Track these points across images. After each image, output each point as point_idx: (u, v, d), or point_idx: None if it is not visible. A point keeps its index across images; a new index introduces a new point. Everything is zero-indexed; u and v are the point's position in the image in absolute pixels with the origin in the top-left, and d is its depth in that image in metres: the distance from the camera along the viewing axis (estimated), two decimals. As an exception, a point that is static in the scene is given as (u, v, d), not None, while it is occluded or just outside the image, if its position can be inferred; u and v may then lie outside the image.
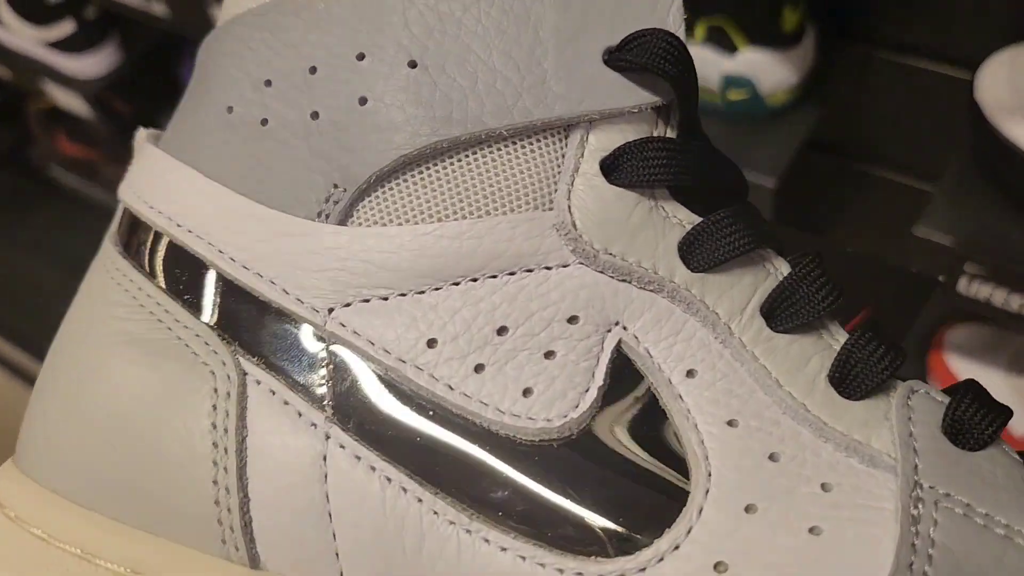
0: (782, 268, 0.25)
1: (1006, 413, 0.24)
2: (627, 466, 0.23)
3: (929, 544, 0.21)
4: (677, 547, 0.22)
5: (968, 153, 0.65)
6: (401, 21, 0.23)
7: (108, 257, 0.27)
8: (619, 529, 0.22)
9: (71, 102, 1.15)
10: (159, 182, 0.26)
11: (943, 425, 0.23)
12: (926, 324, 0.86)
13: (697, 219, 0.24)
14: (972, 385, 0.24)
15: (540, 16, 0.23)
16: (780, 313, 0.24)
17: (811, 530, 0.21)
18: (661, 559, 0.21)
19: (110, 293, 0.26)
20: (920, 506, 0.21)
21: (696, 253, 0.23)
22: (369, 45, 0.23)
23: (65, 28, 1.09)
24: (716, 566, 0.21)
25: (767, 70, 0.69)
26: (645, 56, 0.23)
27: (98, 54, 1.10)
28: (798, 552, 0.21)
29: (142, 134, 0.28)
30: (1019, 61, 0.61)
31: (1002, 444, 0.23)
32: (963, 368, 0.79)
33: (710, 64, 0.70)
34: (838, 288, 0.24)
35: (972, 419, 0.23)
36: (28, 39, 1.11)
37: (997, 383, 0.78)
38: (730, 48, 0.69)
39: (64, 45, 1.10)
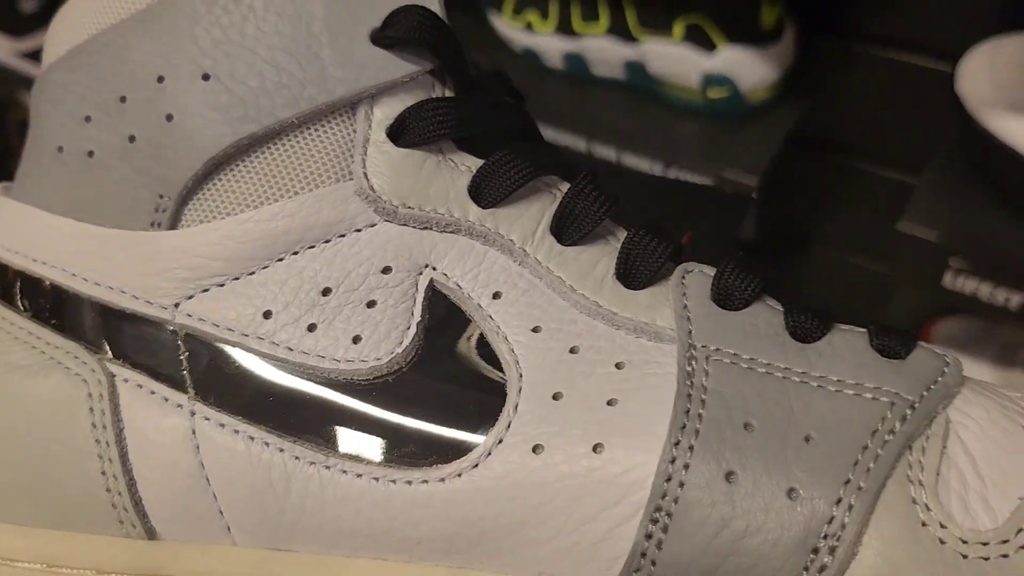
0: (564, 189, 0.29)
1: (763, 273, 0.28)
2: (453, 384, 0.26)
3: (702, 391, 0.24)
4: (501, 440, 0.25)
5: (951, 147, 0.65)
6: (190, 40, 0.27)
7: None
8: (452, 437, 0.26)
9: (49, 113, 1.14)
10: (13, 227, 0.29)
11: (711, 294, 0.27)
12: (913, 319, 0.86)
13: (481, 162, 0.28)
14: (734, 257, 0.28)
15: (311, 13, 0.26)
16: (566, 229, 0.27)
17: (609, 402, 0.25)
18: (489, 453, 0.25)
19: None
20: (693, 363, 0.25)
21: (484, 192, 0.27)
22: (166, 67, 0.27)
23: (41, 38, 1.08)
24: (534, 449, 0.25)
25: (747, 67, 0.69)
26: (403, 31, 0.26)
27: (75, 64, 1.10)
28: (600, 423, 0.25)
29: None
30: (1000, 54, 0.61)
31: (764, 299, 0.27)
32: (951, 362, 0.79)
33: (690, 63, 0.70)
34: (611, 198, 0.28)
35: (735, 284, 0.27)
36: (4, 50, 1.10)
37: (985, 376, 0.78)
38: (709, 46, 0.68)
39: (40, 55, 1.09)
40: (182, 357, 0.27)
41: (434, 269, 0.26)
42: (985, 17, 0.65)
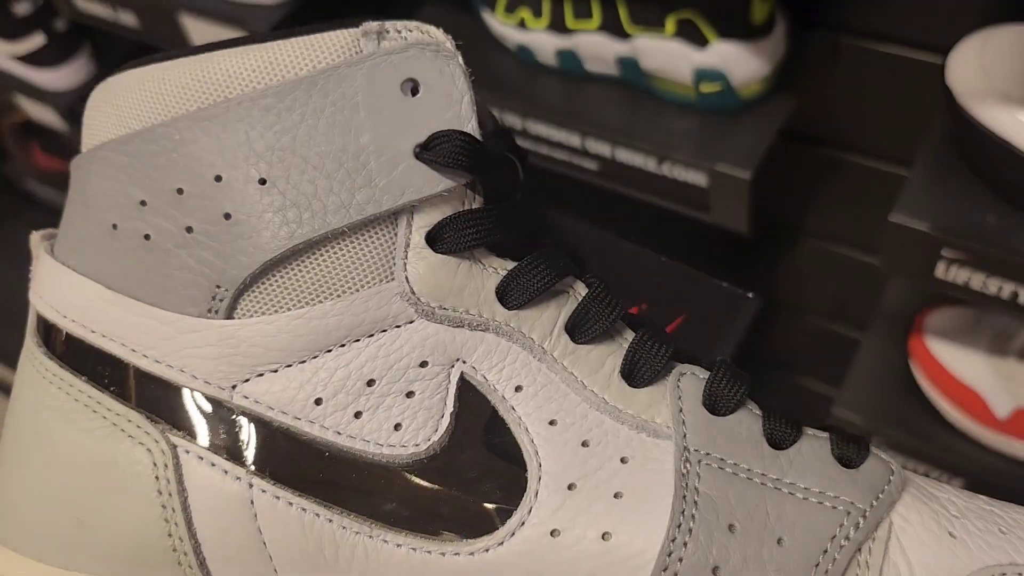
0: (580, 291, 0.32)
1: (748, 381, 0.31)
2: (480, 468, 0.29)
3: (695, 493, 0.28)
4: (523, 523, 0.29)
5: (941, 138, 0.65)
6: (247, 143, 0.28)
7: (35, 358, 0.32)
8: (481, 516, 0.29)
9: (44, 115, 1.14)
10: (67, 294, 0.31)
11: (703, 399, 0.30)
12: (906, 309, 0.87)
13: (511, 265, 0.31)
14: (724, 363, 0.31)
15: (360, 126, 0.28)
16: (580, 329, 0.31)
17: (615, 495, 0.29)
18: (513, 533, 0.29)
19: (45, 395, 0.31)
20: (688, 465, 0.29)
21: (510, 295, 0.30)
22: (223, 166, 0.29)
23: (35, 41, 1.08)
24: (552, 532, 0.29)
25: (739, 62, 0.69)
26: (444, 155, 0.29)
27: (70, 66, 1.10)
28: (608, 513, 0.28)
29: (35, 238, 0.33)
30: (989, 45, 0.62)
31: (747, 403, 0.31)
32: (945, 351, 0.80)
33: (681, 58, 0.70)
34: (622, 303, 0.31)
35: (724, 392, 0.30)
36: (-2, 53, 1.11)
37: (978, 365, 0.78)
38: (701, 41, 0.69)
39: (35, 58, 1.09)
40: (240, 432, 0.30)
41: (464, 363, 0.30)
42: (974, 10, 0.66)
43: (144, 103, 0.30)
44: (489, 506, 0.29)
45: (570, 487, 0.29)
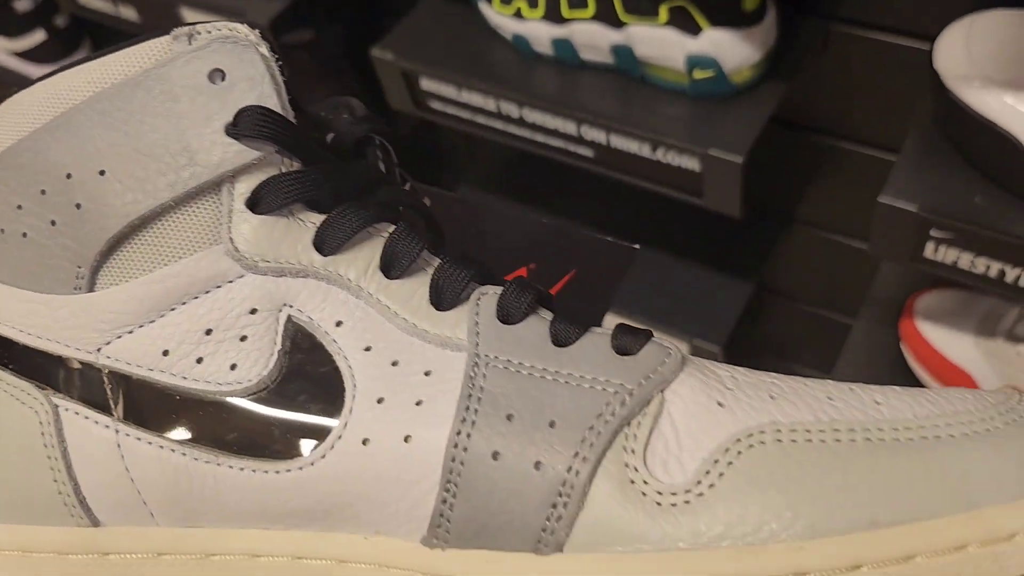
0: (389, 233, 0.36)
1: (535, 291, 0.35)
2: (307, 394, 0.34)
3: (480, 391, 0.32)
4: (340, 437, 0.33)
5: (929, 120, 0.67)
6: (88, 142, 0.34)
7: None
8: (308, 435, 0.33)
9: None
10: None
11: (496, 312, 0.34)
12: (896, 294, 0.88)
13: (322, 218, 0.35)
14: (516, 280, 0.35)
15: (180, 113, 0.34)
16: (391, 265, 0.35)
17: (417, 403, 0.33)
18: (332, 447, 0.33)
19: None
20: (476, 369, 0.33)
21: (325, 243, 0.34)
22: (72, 166, 0.34)
23: (36, 38, 1.09)
24: (363, 441, 0.33)
25: (731, 49, 0.71)
26: (246, 128, 0.33)
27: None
28: (409, 420, 0.33)
29: None
30: (975, 29, 0.63)
31: (539, 311, 0.34)
32: (935, 333, 0.81)
33: (674, 45, 0.72)
34: (425, 239, 0.35)
35: (513, 303, 0.34)
36: (-1, 50, 1.11)
37: (968, 346, 0.80)
38: (693, 29, 0.70)
39: (36, 55, 1.10)
40: (107, 389, 0.35)
41: (291, 307, 0.34)
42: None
43: (14, 122, 0.36)
44: (315, 426, 0.33)
45: (379, 401, 0.33)
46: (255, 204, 0.34)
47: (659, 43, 0.72)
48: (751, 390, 0.33)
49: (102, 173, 0.34)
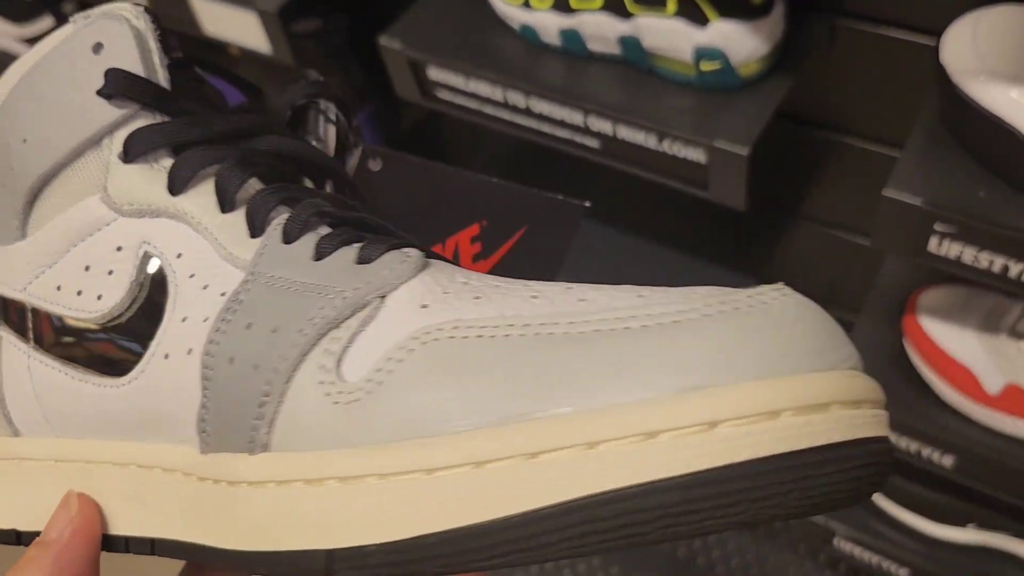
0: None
1: (314, 210, 0.38)
2: (147, 319, 0.38)
3: (238, 303, 0.36)
4: (154, 353, 0.38)
5: (934, 115, 0.67)
6: (15, 118, 0.40)
7: None
8: (140, 351, 0.38)
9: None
10: None
11: (281, 236, 0.37)
12: (900, 290, 0.88)
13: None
14: (309, 202, 0.38)
15: (73, 84, 0.39)
16: (224, 200, 0.38)
17: (204, 319, 0.36)
18: (149, 362, 0.38)
19: None
20: (244, 285, 0.36)
21: (174, 185, 0.38)
22: (8, 135, 0.40)
23: (44, 24, 1.09)
24: (166, 356, 0.37)
25: (738, 41, 0.71)
26: (111, 88, 0.38)
27: (77, 49, 1.11)
28: (194, 335, 0.36)
29: None
30: (982, 24, 0.63)
31: (317, 229, 0.37)
32: (938, 329, 0.81)
33: (682, 37, 0.72)
34: (250, 172, 0.39)
35: (292, 225, 0.37)
36: (7, 36, 1.12)
37: (970, 342, 0.80)
38: (701, 21, 0.70)
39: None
40: (27, 321, 0.41)
41: (148, 244, 0.38)
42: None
43: None
44: (150, 345, 0.38)
45: (183, 320, 0.37)
46: (126, 154, 0.39)
47: (667, 34, 0.73)
48: (466, 293, 0.35)
49: (24, 141, 0.40)
